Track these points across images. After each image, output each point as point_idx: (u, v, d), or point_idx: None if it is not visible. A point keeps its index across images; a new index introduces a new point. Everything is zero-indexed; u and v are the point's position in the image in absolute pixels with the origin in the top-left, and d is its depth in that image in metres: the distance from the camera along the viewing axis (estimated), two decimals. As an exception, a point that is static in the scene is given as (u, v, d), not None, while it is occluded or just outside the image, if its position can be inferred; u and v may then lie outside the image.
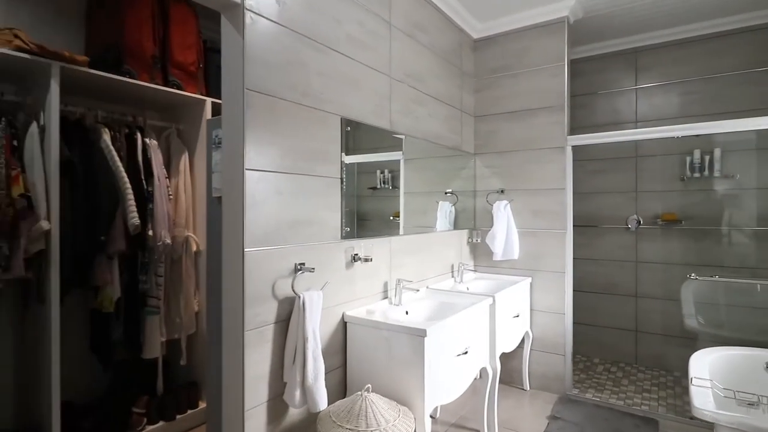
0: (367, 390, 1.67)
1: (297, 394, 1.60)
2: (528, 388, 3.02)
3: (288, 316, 1.68)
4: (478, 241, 3.23)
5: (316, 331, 1.65)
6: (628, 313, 3.56)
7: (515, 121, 3.12)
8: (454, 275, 2.96)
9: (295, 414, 1.73)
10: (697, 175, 3.27)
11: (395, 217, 2.45)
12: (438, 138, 2.79)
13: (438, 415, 2.62)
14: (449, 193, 3.01)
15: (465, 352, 2.04)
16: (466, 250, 3.19)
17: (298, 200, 1.74)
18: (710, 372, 2.06)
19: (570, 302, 2.94)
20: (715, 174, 3.20)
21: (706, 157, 3.23)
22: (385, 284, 2.28)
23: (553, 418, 2.58)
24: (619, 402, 2.81)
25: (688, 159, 3.31)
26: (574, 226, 2.98)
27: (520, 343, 2.94)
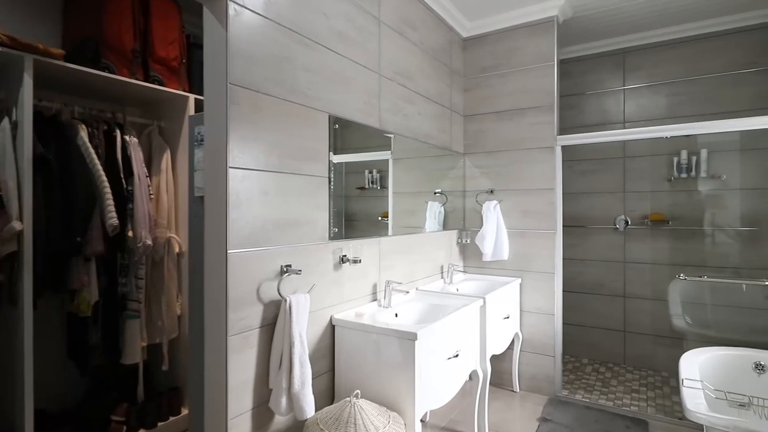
0: (356, 396, 1.62)
1: (283, 401, 1.54)
2: (518, 390, 3.00)
3: (274, 320, 1.62)
4: (468, 241, 3.20)
5: (303, 336, 1.60)
6: (616, 314, 3.57)
7: (505, 121, 3.10)
8: (443, 276, 2.92)
9: (281, 422, 1.67)
10: (684, 175, 3.29)
11: (384, 217, 2.41)
12: (427, 137, 2.75)
13: (428, 419, 2.57)
14: (438, 194, 2.97)
15: (456, 355, 2.00)
16: (456, 251, 3.16)
17: (285, 200, 1.68)
18: (700, 373, 2.05)
19: (560, 303, 2.93)
20: (702, 175, 3.22)
21: (693, 158, 3.26)
22: (374, 286, 2.23)
23: (544, 420, 2.56)
24: (609, 403, 2.80)
25: (675, 160, 3.33)
26: (563, 227, 2.96)
27: (510, 345, 2.92)
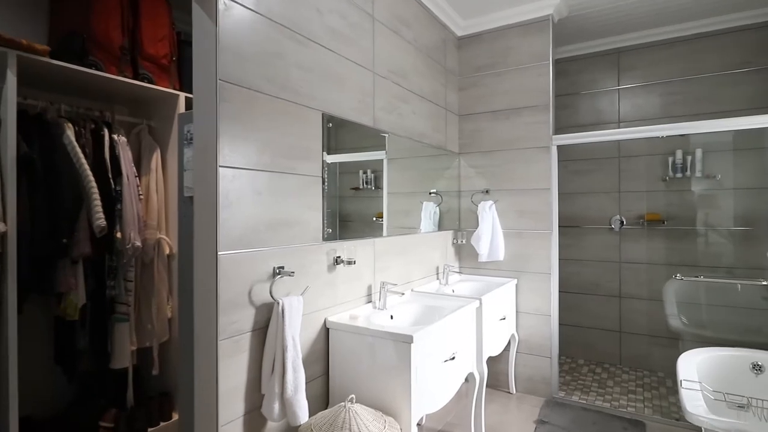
0: (351, 400, 1.58)
1: (276, 407, 1.50)
2: (514, 392, 2.97)
3: (266, 323, 1.57)
4: (463, 242, 3.18)
5: (296, 339, 1.55)
6: (612, 314, 3.55)
7: (500, 121, 3.08)
8: (439, 277, 2.89)
9: (273, 428, 1.62)
10: (679, 175, 3.28)
11: (378, 218, 2.37)
12: (422, 136, 2.72)
13: (424, 422, 2.54)
14: (433, 194, 2.94)
15: (452, 358, 1.96)
16: (451, 252, 3.13)
17: (277, 200, 1.64)
18: (698, 374, 2.03)
19: (556, 304, 2.90)
20: (697, 174, 3.22)
21: (688, 158, 3.25)
22: (369, 288, 2.20)
23: (541, 422, 2.53)
24: (606, 404, 2.78)
25: (670, 159, 3.32)
26: (558, 227, 2.94)
27: (506, 346, 2.89)
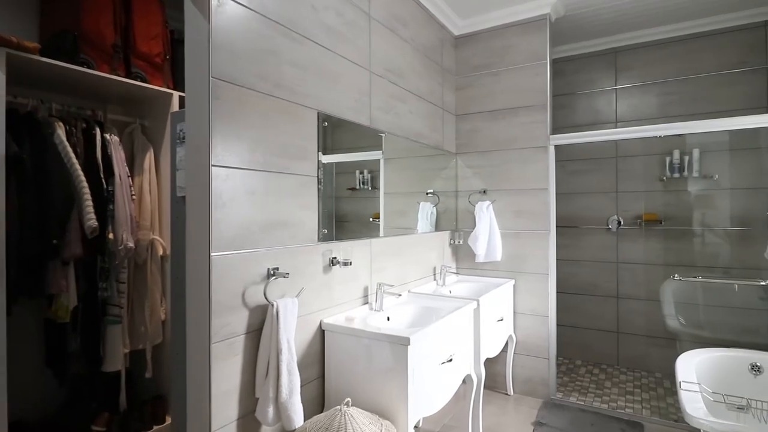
0: (347, 404, 1.55)
1: (270, 411, 1.47)
2: (512, 393, 2.95)
3: (260, 325, 1.54)
4: (460, 242, 3.15)
5: (291, 342, 1.53)
6: (610, 314, 3.54)
7: (497, 120, 3.06)
8: (436, 278, 2.87)
9: None
10: (676, 175, 3.28)
11: (375, 218, 2.35)
12: (419, 136, 2.70)
13: (421, 425, 2.52)
14: (430, 194, 2.92)
15: (449, 360, 1.94)
16: (448, 252, 3.11)
17: (271, 200, 1.61)
18: (697, 375, 2.02)
19: (554, 305, 2.89)
20: (694, 174, 3.21)
21: (686, 158, 3.24)
22: (366, 289, 2.17)
23: (539, 424, 2.51)
24: (604, 405, 2.77)
25: (667, 159, 3.31)
26: (556, 227, 2.93)
27: (504, 348, 2.87)
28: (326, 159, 1.91)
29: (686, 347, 2.51)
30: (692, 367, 2.09)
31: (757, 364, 2.17)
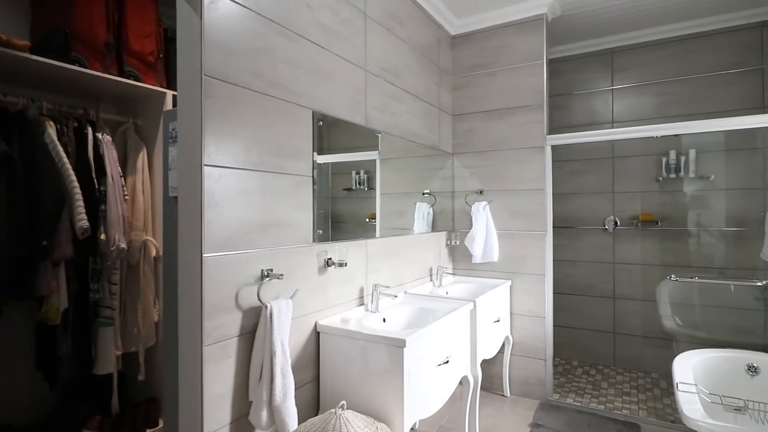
0: (342, 407, 1.53)
1: (264, 415, 1.44)
2: (508, 395, 2.94)
3: (253, 327, 1.52)
4: (457, 243, 3.14)
5: (285, 344, 1.50)
6: (606, 315, 3.53)
7: (494, 121, 3.05)
8: (432, 279, 2.85)
9: (262, 435, 1.57)
10: (673, 176, 3.28)
11: (371, 219, 2.33)
12: (415, 136, 2.68)
13: (417, 427, 2.50)
14: (427, 194, 2.91)
15: (446, 362, 1.92)
16: (445, 253, 3.09)
17: (266, 200, 1.59)
18: (694, 376, 2.01)
19: (550, 305, 2.88)
20: (691, 175, 3.21)
21: (682, 158, 3.24)
22: (361, 290, 2.15)
23: (536, 425, 2.50)
24: (600, 406, 2.76)
25: (663, 160, 3.31)
26: (553, 228, 2.92)
27: (501, 349, 2.85)
28: (322, 159, 1.89)
29: (683, 348, 2.50)
30: (689, 368, 2.08)
31: (754, 365, 2.17)
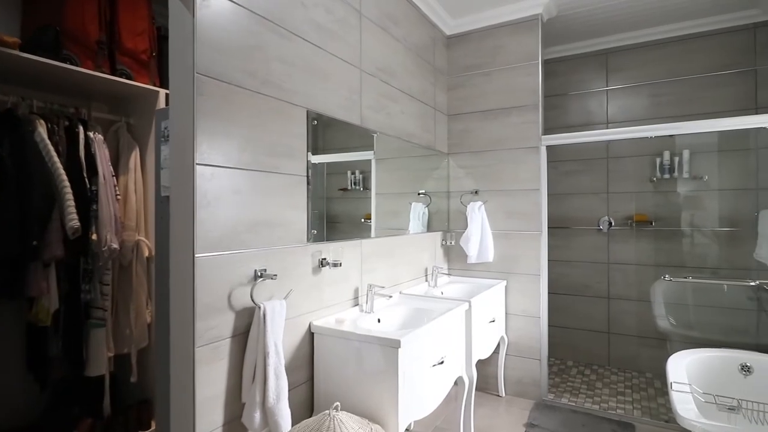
0: (336, 408, 1.52)
1: (257, 416, 1.43)
2: (503, 395, 2.94)
3: (246, 328, 1.51)
4: (452, 243, 3.14)
5: (279, 345, 1.49)
6: (601, 315, 3.54)
7: (489, 121, 3.05)
8: (428, 279, 2.85)
9: (255, 437, 1.56)
10: (666, 176, 3.29)
11: (366, 219, 2.32)
12: (411, 136, 2.67)
13: (412, 428, 2.49)
14: (422, 195, 2.90)
15: (441, 362, 1.92)
16: (440, 253, 3.09)
17: (259, 200, 1.57)
18: (687, 375, 2.01)
19: (545, 305, 2.88)
20: (684, 175, 3.22)
21: (676, 159, 3.25)
22: (356, 290, 2.14)
23: (531, 425, 2.50)
24: (595, 406, 2.76)
25: (657, 160, 3.32)
26: (548, 228, 2.92)
27: (496, 349, 2.85)
28: (317, 159, 1.88)
29: (676, 347, 2.51)
30: (683, 368, 2.08)
31: (747, 365, 2.17)
